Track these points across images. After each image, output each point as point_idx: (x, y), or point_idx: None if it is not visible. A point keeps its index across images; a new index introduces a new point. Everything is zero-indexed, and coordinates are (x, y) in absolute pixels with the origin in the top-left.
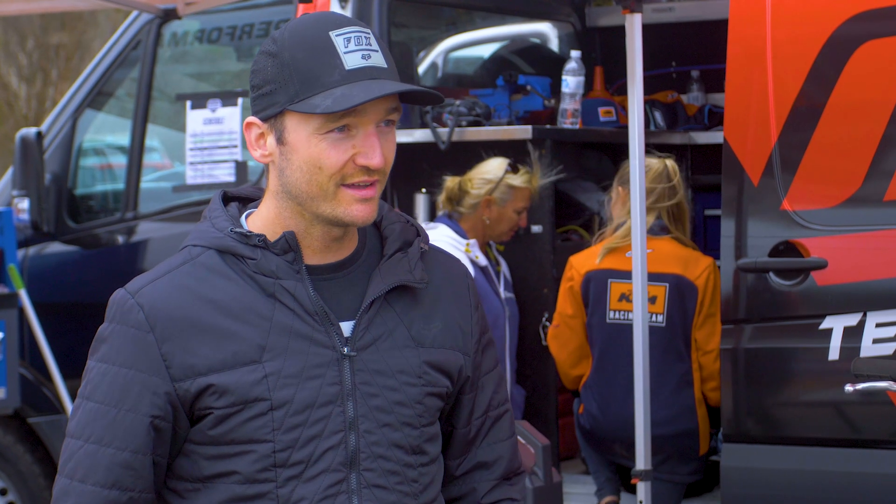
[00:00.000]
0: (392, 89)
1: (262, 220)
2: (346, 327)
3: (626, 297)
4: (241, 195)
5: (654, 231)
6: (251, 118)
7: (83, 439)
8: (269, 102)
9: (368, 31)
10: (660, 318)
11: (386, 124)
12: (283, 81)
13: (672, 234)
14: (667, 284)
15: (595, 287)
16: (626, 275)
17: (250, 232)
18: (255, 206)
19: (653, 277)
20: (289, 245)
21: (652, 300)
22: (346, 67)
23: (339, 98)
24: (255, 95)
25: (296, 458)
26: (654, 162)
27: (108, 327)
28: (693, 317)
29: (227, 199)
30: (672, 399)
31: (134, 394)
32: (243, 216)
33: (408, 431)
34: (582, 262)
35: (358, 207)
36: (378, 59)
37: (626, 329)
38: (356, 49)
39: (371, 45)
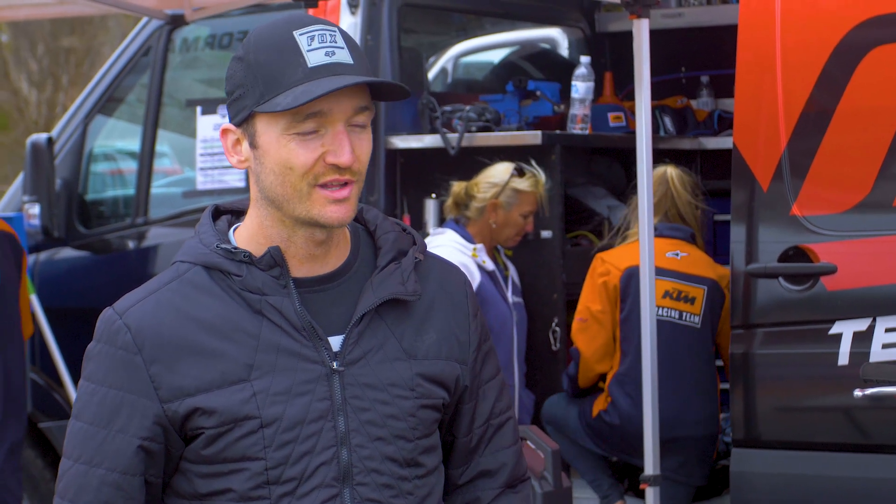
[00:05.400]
0: (348, 81)
1: (247, 231)
2: (336, 342)
3: (669, 295)
4: (234, 208)
5: (687, 238)
6: (226, 124)
7: (73, 459)
8: (240, 107)
9: (335, 29)
10: (696, 319)
11: (359, 126)
12: (250, 84)
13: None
14: (705, 287)
15: (636, 283)
16: (669, 273)
17: (236, 248)
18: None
19: (693, 279)
20: (274, 260)
21: (691, 301)
22: (309, 65)
23: (299, 95)
24: (230, 101)
25: (288, 474)
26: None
27: (95, 347)
28: (718, 323)
29: (218, 212)
30: (703, 401)
31: (123, 415)
32: (231, 230)
33: (401, 444)
34: (621, 258)
35: (332, 208)
36: (343, 56)
37: (667, 326)
38: (319, 47)
39: (336, 43)
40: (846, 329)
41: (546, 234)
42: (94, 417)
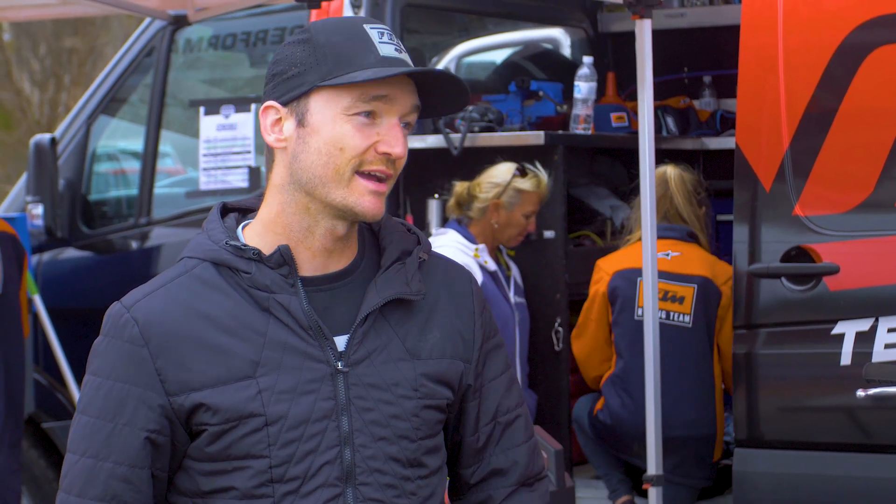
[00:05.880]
0: (429, 69)
1: (261, 222)
2: (341, 341)
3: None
4: (241, 206)
5: (683, 237)
6: (270, 102)
7: (79, 454)
8: (296, 84)
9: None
10: (686, 318)
11: (405, 125)
12: (315, 62)
13: (699, 242)
14: (695, 286)
15: (624, 285)
16: (658, 274)
17: (245, 245)
18: (254, 217)
19: (682, 278)
20: (283, 258)
21: (680, 300)
22: (381, 54)
23: (378, 71)
24: (278, 81)
25: (292, 473)
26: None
27: (102, 341)
28: (715, 322)
29: (226, 210)
30: (696, 402)
31: (130, 408)
32: (240, 227)
33: (405, 444)
34: (611, 263)
35: (369, 199)
36: (407, 58)
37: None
38: (389, 42)
39: (401, 46)
40: (849, 329)
41: (549, 234)
42: (101, 411)
